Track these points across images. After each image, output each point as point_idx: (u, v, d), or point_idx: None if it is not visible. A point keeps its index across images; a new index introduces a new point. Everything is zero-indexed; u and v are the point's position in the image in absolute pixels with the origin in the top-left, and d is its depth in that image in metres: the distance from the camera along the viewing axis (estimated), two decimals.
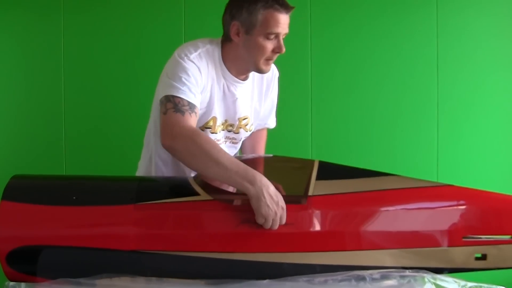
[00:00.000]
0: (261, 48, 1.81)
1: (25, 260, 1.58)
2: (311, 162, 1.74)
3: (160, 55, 2.77)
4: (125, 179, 1.77)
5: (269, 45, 1.81)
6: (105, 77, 2.78)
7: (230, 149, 1.97)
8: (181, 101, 1.71)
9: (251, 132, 2.03)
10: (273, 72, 2.03)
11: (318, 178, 1.67)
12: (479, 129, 2.86)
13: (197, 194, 1.63)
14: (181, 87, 1.72)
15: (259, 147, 2.14)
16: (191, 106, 1.72)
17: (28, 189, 1.67)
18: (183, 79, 1.73)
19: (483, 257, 1.69)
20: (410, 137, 2.84)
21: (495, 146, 2.87)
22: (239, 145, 2.05)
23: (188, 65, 1.76)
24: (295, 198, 1.69)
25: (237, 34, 1.82)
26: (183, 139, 1.64)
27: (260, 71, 1.87)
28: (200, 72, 1.78)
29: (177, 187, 1.72)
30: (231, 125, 1.94)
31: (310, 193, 1.65)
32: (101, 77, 2.78)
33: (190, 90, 1.73)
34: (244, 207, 1.61)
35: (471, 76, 2.85)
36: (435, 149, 2.85)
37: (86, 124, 2.79)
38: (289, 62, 2.70)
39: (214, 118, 1.88)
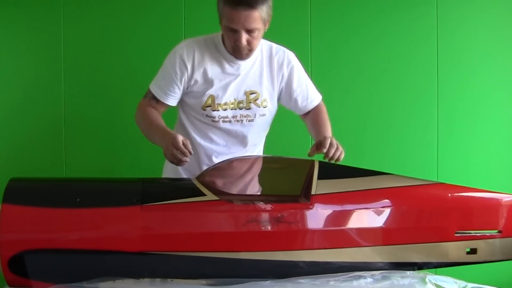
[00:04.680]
0: (226, 38, 1.96)
1: (28, 265, 1.56)
2: (312, 162, 1.77)
3: (160, 54, 2.77)
4: (128, 180, 1.78)
5: (231, 37, 1.92)
6: (105, 77, 2.78)
7: (246, 128, 2.06)
8: (150, 91, 2.05)
9: (267, 108, 2.07)
10: (286, 54, 2.09)
11: (320, 177, 1.70)
12: (479, 128, 2.87)
13: (203, 194, 1.65)
14: (156, 87, 2.03)
15: (319, 120, 2.14)
16: (155, 98, 2.04)
17: (30, 192, 1.66)
18: (161, 75, 2.03)
19: (473, 251, 1.76)
20: (410, 136, 2.85)
21: (494, 145, 2.88)
22: (258, 123, 2.08)
23: (171, 58, 2.01)
24: (299, 197, 1.74)
25: (220, 21, 1.96)
26: (137, 116, 2.06)
27: (234, 56, 1.99)
28: (184, 60, 1.98)
29: (183, 188, 1.74)
30: (241, 102, 2.04)
31: (313, 192, 1.68)
32: (101, 77, 2.78)
33: (160, 89, 2.02)
34: (250, 207, 1.63)
35: (471, 75, 2.87)
36: (435, 148, 2.86)
37: (86, 124, 2.79)
38: None
39: (212, 97, 2.01)
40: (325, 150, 1.81)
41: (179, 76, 1.99)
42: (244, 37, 1.90)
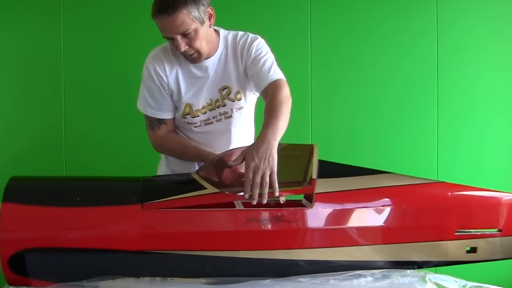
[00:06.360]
0: (173, 47, 1.94)
1: (28, 264, 1.56)
2: (311, 159, 1.76)
3: None
4: (128, 179, 1.78)
5: (173, 45, 1.92)
6: (105, 77, 2.78)
7: (226, 125, 2.06)
8: (150, 118, 2.05)
9: (242, 101, 2.06)
10: (248, 39, 2.02)
11: (320, 176, 1.70)
12: (479, 128, 2.88)
13: (203, 188, 1.65)
14: (146, 106, 2.03)
15: (274, 99, 1.87)
16: (158, 121, 2.04)
17: (30, 190, 1.66)
18: (146, 94, 2.02)
19: (473, 250, 1.76)
20: (410, 136, 2.86)
21: (494, 145, 2.88)
22: (237, 117, 2.07)
23: (146, 74, 2.01)
24: None
25: None
26: (160, 149, 2.09)
27: (189, 61, 1.99)
28: (157, 72, 1.98)
29: (183, 184, 1.75)
30: (217, 100, 2.04)
31: None
32: (101, 76, 2.78)
33: (157, 108, 2.02)
34: (250, 205, 1.63)
35: (471, 75, 2.87)
36: (435, 148, 2.86)
37: (86, 124, 2.79)
38: (289, 61, 2.71)
39: (189, 105, 2.02)
40: (246, 195, 1.63)
41: (161, 88, 1.99)
42: (182, 42, 1.88)
